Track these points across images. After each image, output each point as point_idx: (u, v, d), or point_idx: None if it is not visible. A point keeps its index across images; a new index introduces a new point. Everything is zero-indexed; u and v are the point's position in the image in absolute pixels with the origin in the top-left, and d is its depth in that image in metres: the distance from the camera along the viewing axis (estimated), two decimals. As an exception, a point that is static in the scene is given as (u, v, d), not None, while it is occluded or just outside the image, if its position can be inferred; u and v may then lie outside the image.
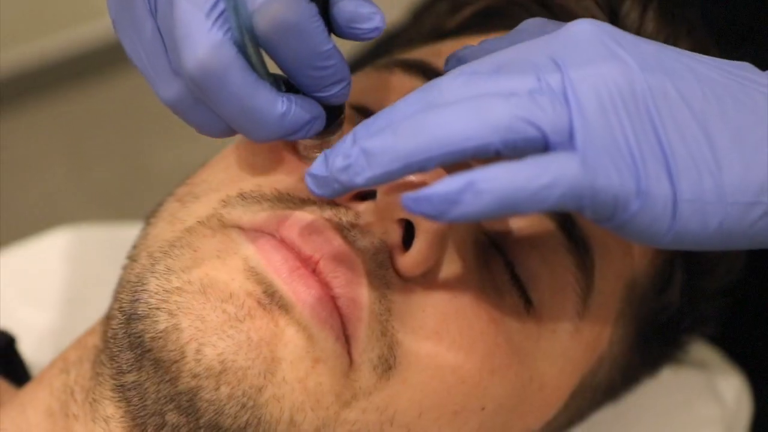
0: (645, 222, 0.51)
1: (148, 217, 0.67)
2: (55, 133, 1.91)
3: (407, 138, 0.51)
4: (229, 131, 0.59)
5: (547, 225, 0.63)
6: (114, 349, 0.60)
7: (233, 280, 0.58)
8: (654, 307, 0.71)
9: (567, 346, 0.65)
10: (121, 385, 0.60)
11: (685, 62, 0.53)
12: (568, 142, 0.50)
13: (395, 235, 0.59)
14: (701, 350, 0.85)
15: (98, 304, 0.80)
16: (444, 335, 0.60)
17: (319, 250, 0.58)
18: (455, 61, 0.60)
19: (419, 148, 0.51)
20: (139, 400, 0.59)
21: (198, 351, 0.56)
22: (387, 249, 0.59)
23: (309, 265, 0.58)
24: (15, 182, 1.70)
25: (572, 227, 0.63)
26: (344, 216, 0.59)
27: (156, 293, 0.58)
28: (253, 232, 0.59)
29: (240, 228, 0.60)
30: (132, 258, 0.64)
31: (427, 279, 0.60)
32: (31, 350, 0.84)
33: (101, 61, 1.90)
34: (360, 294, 0.58)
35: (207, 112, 0.59)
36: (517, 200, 0.50)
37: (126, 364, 0.59)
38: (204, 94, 0.56)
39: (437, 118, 0.51)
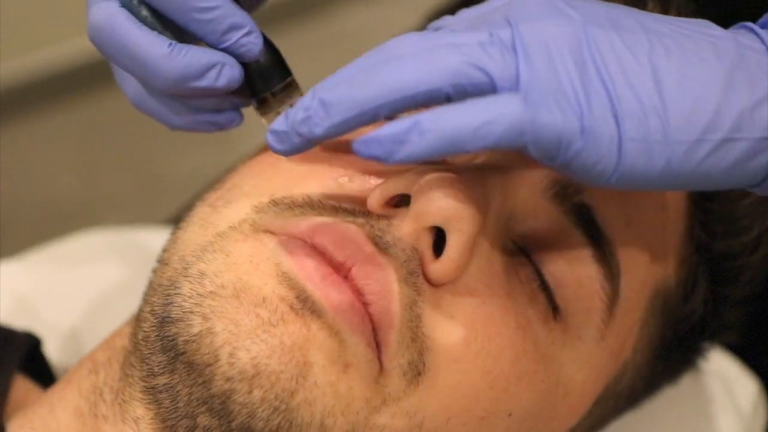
0: (590, 160, 0.53)
1: (176, 220, 0.67)
2: (66, 139, 1.92)
3: (362, 87, 0.54)
4: (189, 121, 0.65)
5: (574, 233, 0.64)
6: (145, 352, 0.61)
7: (266, 284, 0.58)
8: (678, 315, 0.71)
9: (592, 353, 0.66)
10: (152, 387, 0.60)
11: (635, 18, 0.55)
12: (515, 88, 0.53)
13: (426, 242, 0.60)
14: (719, 358, 0.86)
15: (121, 306, 0.81)
16: (472, 342, 0.60)
17: (351, 257, 0.59)
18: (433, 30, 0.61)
19: (373, 95, 0.54)
20: (170, 402, 0.59)
21: (231, 354, 0.57)
22: (418, 256, 0.60)
23: (341, 272, 0.59)
24: (27, 189, 1.70)
25: (599, 236, 0.64)
26: (376, 223, 0.60)
27: (189, 297, 0.59)
28: (286, 238, 0.60)
29: (272, 233, 0.61)
30: (163, 261, 0.65)
31: (457, 286, 0.61)
32: (55, 352, 0.85)
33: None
34: (391, 301, 0.59)
35: (159, 102, 0.65)
36: (460, 138, 0.52)
37: (158, 366, 0.60)
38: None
39: (391, 67, 0.54)
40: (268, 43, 0.65)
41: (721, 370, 0.86)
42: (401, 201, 0.61)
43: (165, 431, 0.60)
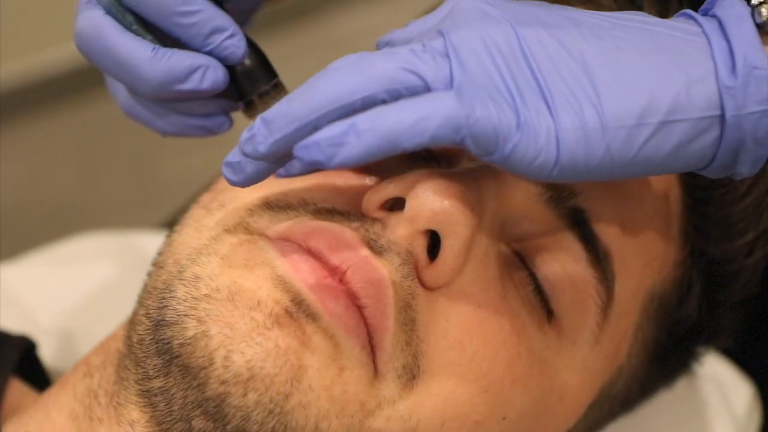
0: (529, 154, 0.53)
1: (172, 224, 0.68)
2: (64, 142, 1.92)
3: (300, 101, 0.54)
4: (178, 126, 0.66)
5: (569, 237, 0.64)
6: (140, 355, 0.61)
7: (260, 288, 0.58)
8: (672, 319, 0.71)
9: (587, 357, 0.66)
10: (147, 390, 0.60)
11: (566, 14, 0.56)
12: (449, 87, 0.54)
13: (421, 245, 0.60)
14: (713, 362, 0.86)
15: (117, 309, 0.81)
16: (467, 345, 0.60)
17: (346, 260, 0.59)
18: (383, 45, 0.62)
19: (311, 107, 0.54)
20: (165, 405, 0.59)
21: (226, 358, 0.57)
22: (413, 259, 0.60)
23: (336, 275, 0.59)
24: (25, 191, 1.70)
25: (594, 240, 0.64)
26: (371, 227, 0.60)
27: (184, 300, 0.59)
28: (280, 241, 0.60)
29: (266, 237, 0.61)
30: (158, 264, 0.65)
31: (451, 289, 0.61)
32: (50, 355, 0.85)
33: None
34: (386, 304, 0.59)
35: (148, 109, 0.66)
36: (396, 136, 0.53)
37: (153, 369, 0.60)
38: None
39: (327, 79, 0.54)
40: (253, 46, 0.66)
41: (716, 374, 0.87)
42: (396, 204, 0.61)
43: None
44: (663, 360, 0.73)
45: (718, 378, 0.87)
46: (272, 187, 0.63)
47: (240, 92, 0.66)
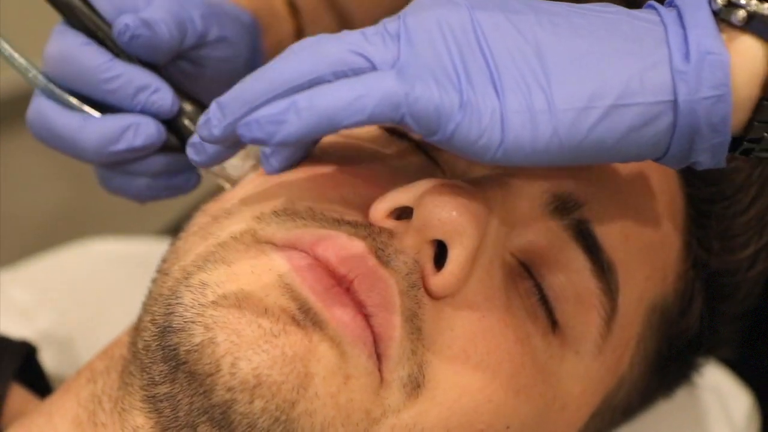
0: (472, 134, 0.53)
1: (172, 230, 0.68)
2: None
3: (252, 84, 0.55)
4: (150, 190, 0.71)
5: (574, 248, 0.64)
6: (146, 361, 0.61)
7: (268, 295, 0.58)
8: (674, 330, 0.72)
9: (590, 367, 0.66)
10: (153, 396, 0.60)
11: (526, 1, 0.56)
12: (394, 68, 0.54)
13: (427, 255, 0.60)
14: (712, 371, 0.87)
15: (117, 316, 0.81)
16: (472, 355, 0.61)
17: (353, 269, 0.59)
18: None
19: (261, 90, 0.55)
20: (171, 411, 0.59)
21: (233, 365, 0.57)
22: (419, 269, 0.60)
23: (343, 284, 0.59)
24: (23, 199, 1.70)
25: (598, 251, 0.64)
26: (378, 236, 0.60)
27: (191, 307, 0.59)
28: (288, 249, 0.60)
29: (274, 244, 0.61)
30: (163, 271, 0.65)
31: (456, 299, 0.61)
32: (50, 361, 0.85)
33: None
34: (393, 313, 0.59)
35: (120, 179, 0.71)
36: (334, 113, 0.53)
37: (159, 375, 0.60)
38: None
39: (278, 62, 0.56)
40: (186, 95, 0.69)
41: (715, 383, 0.87)
42: (403, 213, 0.61)
43: None
44: (664, 370, 0.73)
45: (717, 387, 0.87)
46: (280, 195, 0.63)
47: (183, 141, 0.69)
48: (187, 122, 0.69)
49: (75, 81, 0.68)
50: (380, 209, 0.61)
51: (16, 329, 0.86)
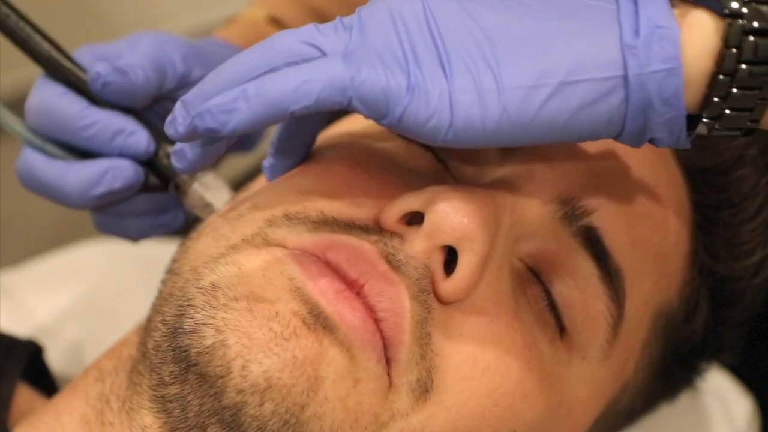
0: (421, 116, 0.54)
1: (182, 233, 0.68)
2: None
3: (211, 82, 0.57)
4: (140, 229, 0.73)
5: (582, 254, 0.64)
6: (156, 361, 0.61)
7: (279, 299, 0.59)
8: (679, 336, 0.72)
9: (596, 372, 0.66)
10: (162, 397, 0.60)
11: None
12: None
13: (438, 260, 0.60)
14: (714, 375, 0.87)
15: (122, 316, 0.81)
16: (480, 359, 0.61)
17: (364, 274, 0.59)
18: None
19: (219, 85, 0.56)
20: (180, 412, 0.60)
21: (244, 367, 0.57)
22: (429, 274, 0.60)
23: (354, 289, 0.59)
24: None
25: (606, 258, 0.65)
26: (389, 241, 0.61)
27: (202, 309, 0.59)
28: (299, 253, 0.61)
29: (285, 248, 0.61)
30: (174, 271, 0.65)
31: (466, 304, 0.61)
32: (56, 361, 0.85)
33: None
34: (403, 318, 0.59)
35: (114, 222, 0.73)
36: (282, 99, 0.54)
37: (169, 376, 0.60)
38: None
39: (235, 59, 0.57)
40: (163, 136, 0.71)
41: (717, 387, 0.88)
42: (414, 218, 0.61)
43: None
44: (668, 375, 0.74)
45: (719, 391, 0.88)
46: (291, 198, 0.63)
47: (164, 180, 0.71)
48: (167, 162, 0.71)
49: (55, 130, 0.70)
50: (391, 214, 0.61)
51: (22, 329, 0.86)
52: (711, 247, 0.71)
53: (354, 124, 0.70)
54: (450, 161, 0.67)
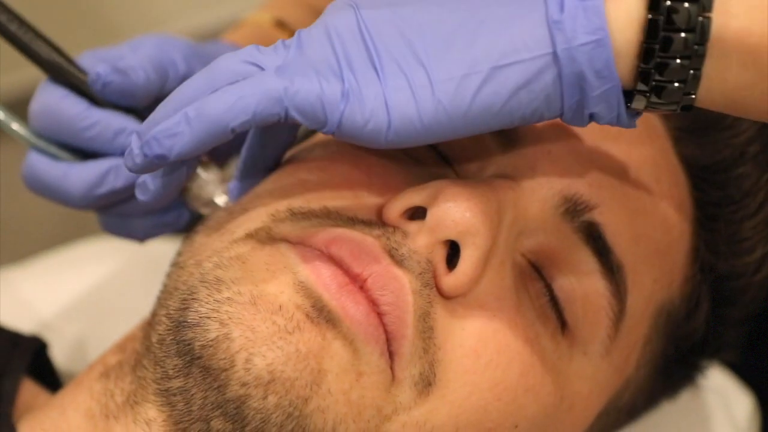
0: (360, 120, 0.55)
1: (185, 229, 0.69)
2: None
3: (160, 110, 0.58)
4: (147, 230, 0.73)
5: (584, 250, 0.65)
6: (160, 354, 0.62)
7: (282, 292, 0.59)
8: (680, 333, 0.72)
9: (597, 367, 0.67)
10: (166, 390, 0.61)
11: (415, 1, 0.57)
12: None
13: (440, 255, 0.61)
14: (715, 372, 0.87)
15: (127, 312, 0.81)
16: (482, 354, 0.61)
17: (367, 268, 0.60)
18: None
19: (167, 112, 0.58)
20: (184, 405, 0.60)
21: (248, 360, 0.58)
22: (432, 268, 0.61)
23: (357, 282, 0.60)
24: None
25: (608, 253, 0.65)
26: (392, 235, 0.61)
27: (206, 302, 0.60)
28: (302, 247, 0.61)
29: (289, 242, 0.62)
30: (178, 265, 0.66)
31: (468, 299, 0.62)
32: (60, 358, 0.85)
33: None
34: (406, 312, 0.60)
35: (118, 223, 0.74)
36: (221, 117, 0.56)
37: (173, 369, 0.60)
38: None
39: (181, 86, 0.59)
40: None
41: (718, 385, 0.88)
42: (416, 213, 0.62)
43: None
44: (669, 372, 0.74)
45: (719, 388, 0.88)
46: (295, 193, 0.64)
47: None
48: None
49: (58, 133, 0.70)
50: (394, 209, 0.62)
51: (26, 326, 0.86)
52: (712, 244, 0.71)
53: None
54: (452, 156, 0.67)
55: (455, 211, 0.60)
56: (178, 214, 0.74)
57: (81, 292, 0.92)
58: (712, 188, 0.71)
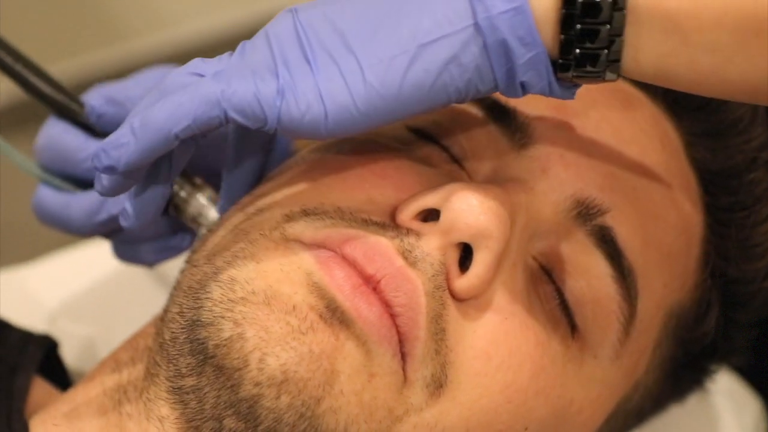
0: (297, 113, 0.57)
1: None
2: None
3: (125, 127, 0.59)
4: (156, 255, 0.75)
5: (595, 253, 0.65)
6: (173, 353, 0.62)
7: (296, 293, 0.60)
8: (690, 337, 0.72)
9: (607, 371, 0.67)
10: (179, 388, 0.61)
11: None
12: None
13: (453, 257, 0.61)
14: (724, 376, 0.88)
15: (136, 311, 0.82)
16: (493, 356, 0.62)
17: (381, 270, 0.60)
18: None
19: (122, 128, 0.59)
20: (197, 404, 0.60)
21: (261, 360, 0.58)
22: (444, 270, 0.61)
23: (371, 284, 0.60)
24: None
25: (619, 257, 0.65)
26: (405, 237, 0.61)
27: (220, 302, 0.60)
28: (316, 248, 0.61)
29: (302, 243, 0.62)
30: (192, 263, 0.66)
31: (480, 301, 0.62)
32: (70, 357, 0.86)
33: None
34: (418, 313, 0.60)
35: (128, 250, 0.75)
36: (164, 125, 0.58)
37: (186, 368, 0.61)
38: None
39: (138, 104, 0.60)
40: None
41: (726, 388, 0.88)
42: (430, 215, 0.62)
43: (190, 431, 0.61)
44: (678, 376, 0.75)
45: (728, 392, 0.88)
46: (309, 194, 0.64)
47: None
48: None
49: (62, 165, 0.73)
50: (408, 211, 0.62)
51: (37, 325, 0.86)
52: (723, 249, 0.71)
53: None
54: (465, 158, 0.67)
55: (468, 214, 0.60)
56: (181, 238, 0.75)
57: (91, 291, 0.93)
58: (724, 193, 0.71)
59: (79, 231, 0.73)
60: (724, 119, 0.71)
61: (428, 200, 0.62)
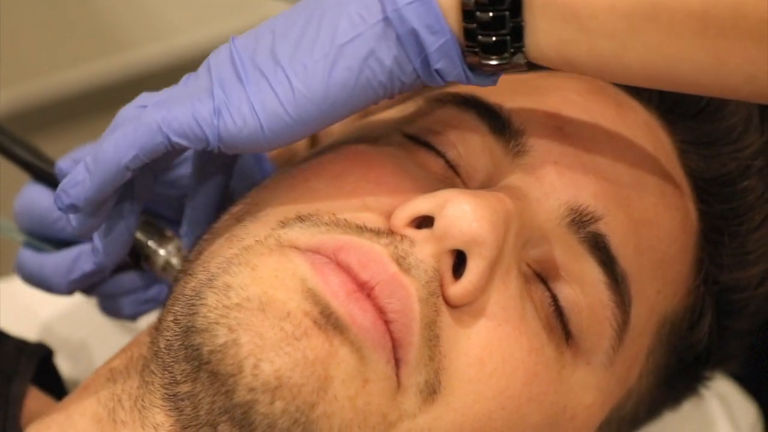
0: (234, 127, 0.59)
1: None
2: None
3: (80, 166, 0.62)
4: (132, 308, 0.77)
5: (589, 260, 0.65)
6: (167, 360, 0.62)
7: (291, 299, 0.60)
8: (683, 344, 0.73)
9: (601, 378, 0.67)
10: (174, 395, 0.61)
11: (270, 24, 0.61)
12: None
13: (447, 264, 0.61)
14: (720, 381, 0.88)
15: (129, 322, 0.82)
16: (487, 362, 0.62)
17: (375, 276, 0.60)
18: None
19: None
20: (192, 410, 0.60)
21: (255, 366, 0.58)
22: (438, 277, 0.61)
23: (365, 290, 0.60)
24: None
25: (613, 264, 0.66)
26: (399, 243, 0.61)
27: (215, 308, 0.60)
28: (311, 254, 0.61)
29: (297, 249, 0.62)
30: (186, 272, 0.66)
31: (474, 307, 0.62)
32: (64, 365, 0.86)
33: (120, 95, 1.92)
34: (412, 320, 0.60)
35: (111, 305, 0.77)
36: (113, 158, 0.60)
37: (180, 374, 0.61)
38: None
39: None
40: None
41: (721, 393, 0.88)
42: (424, 222, 0.62)
43: None
44: (671, 383, 0.75)
45: (723, 397, 0.88)
46: (304, 200, 0.65)
47: (134, 256, 0.75)
48: (137, 238, 0.74)
49: (38, 227, 0.75)
50: (402, 217, 0.62)
51: (32, 334, 0.86)
52: (716, 257, 0.72)
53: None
54: (460, 166, 0.68)
55: (462, 221, 0.60)
56: (158, 290, 0.77)
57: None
58: (717, 201, 0.71)
59: (56, 290, 0.74)
60: (718, 127, 0.71)
61: (422, 207, 0.62)
